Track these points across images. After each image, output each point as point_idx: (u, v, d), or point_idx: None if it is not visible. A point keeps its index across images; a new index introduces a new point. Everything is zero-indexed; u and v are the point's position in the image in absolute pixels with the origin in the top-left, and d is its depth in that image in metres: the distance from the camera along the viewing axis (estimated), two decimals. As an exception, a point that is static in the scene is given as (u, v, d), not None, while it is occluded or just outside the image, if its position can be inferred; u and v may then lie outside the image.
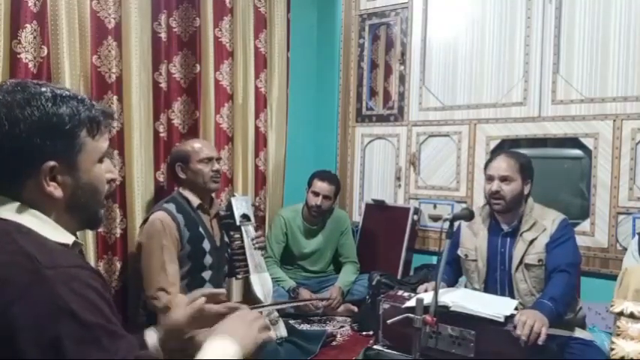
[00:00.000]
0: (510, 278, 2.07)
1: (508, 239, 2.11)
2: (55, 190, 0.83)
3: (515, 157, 2.11)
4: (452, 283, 2.24)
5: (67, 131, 0.83)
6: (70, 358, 0.71)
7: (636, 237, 2.18)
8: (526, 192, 2.10)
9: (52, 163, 0.81)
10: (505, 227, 2.13)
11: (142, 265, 2.03)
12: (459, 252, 2.24)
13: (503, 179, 2.06)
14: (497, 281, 2.11)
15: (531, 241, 2.04)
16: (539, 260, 2.03)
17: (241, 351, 0.94)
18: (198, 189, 2.15)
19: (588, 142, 2.66)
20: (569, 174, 2.75)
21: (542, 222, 2.06)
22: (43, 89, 0.83)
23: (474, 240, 2.18)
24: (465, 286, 2.28)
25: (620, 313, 1.74)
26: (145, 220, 2.09)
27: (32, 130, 0.80)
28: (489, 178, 2.10)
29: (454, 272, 2.28)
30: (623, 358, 1.62)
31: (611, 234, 2.60)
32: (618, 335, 1.66)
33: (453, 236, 2.29)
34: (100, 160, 0.89)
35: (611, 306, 1.79)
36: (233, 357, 0.91)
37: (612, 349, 1.65)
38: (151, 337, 1.08)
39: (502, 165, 2.08)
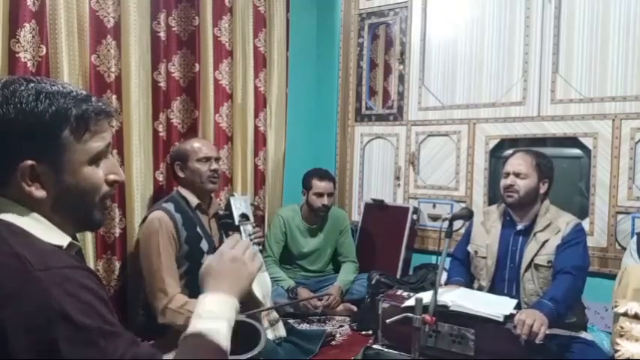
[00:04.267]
0: (518, 277, 2.07)
1: (520, 238, 2.12)
2: (35, 190, 0.80)
3: (532, 155, 2.15)
4: (468, 283, 2.23)
5: (46, 131, 0.79)
6: None
7: (635, 236, 2.19)
8: (542, 191, 2.12)
9: (29, 162, 0.78)
10: (519, 225, 2.14)
11: (140, 265, 2.03)
12: (469, 248, 2.24)
13: (517, 175, 2.10)
14: (504, 279, 2.11)
15: (544, 243, 2.05)
16: (549, 262, 2.03)
17: (237, 298, 0.92)
18: (196, 188, 2.14)
19: (587, 142, 2.66)
20: (568, 173, 2.75)
21: (556, 224, 2.07)
22: (30, 85, 0.80)
23: (486, 237, 2.19)
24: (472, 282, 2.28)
25: (625, 314, 1.73)
26: (144, 220, 2.08)
27: (9, 129, 0.77)
28: (505, 174, 2.14)
29: (469, 271, 2.28)
30: None
31: (610, 233, 2.60)
32: (622, 336, 1.65)
33: (465, 234, 2.30)
34: (93, 161, 0.84)
35: (615, 306, 1.78)
36: (230, 314, 0.89)
37: (617, 350, 1.65)
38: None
39: (518, 161, 2.13)
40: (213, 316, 0.87)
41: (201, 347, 0.83)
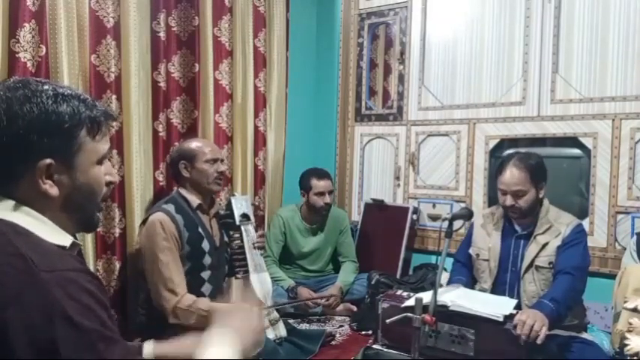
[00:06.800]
0: (519, 279, 2.07)
1: (522, 241, 2.10)
2: (50, 188, 0.82)
3: (524, 168, 2.02)
4: (470, 285, 2.20)
5: (66, 130, 0.82)
6: None
7: (635, 236, 2.19)
8: (541, 195, 2.08)
9: (48, 160, 0.80)
10: (519, 229, 2.12)
11: (145, 268, 2.01)
12: (470, 251, 2.23)
13: (515, 194, 2.02)
14: (506, 282, 2.10)
15: (544, 245, 2.04)
16: (550, 263, 2.02)
17: (241, 352, 0.93)
18: (201, 189, 2.14)
19: (587, 142, 2.66)
20: (568, 173, 2.75)
21: (557, 225, 2.05)
22: (45, 87, 0.83)
23: (487, 240, 2.17)
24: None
25: (635, 310, 1.75)
26: (144, 221, 2.08)
27: (30, 127, 0.79)
28: (502, 192, 2.06)
29: (472, 274, 2.25)
30: (638, 354, 1.63)
31: (610, 233, 2.60)
32: (631, 332, 1.67)
33: (466, 237, 2.30)
34: (100, 162, 0.88)
35: (625, 302, 1.79)
36: (233, 356, 0.91)
37: (626, 345, 1.66)
38: (148, 348, 1.07)
39: (512, 180, 2.02)
40: None
41: None
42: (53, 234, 0.82)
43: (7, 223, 0.78)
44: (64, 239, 0.83)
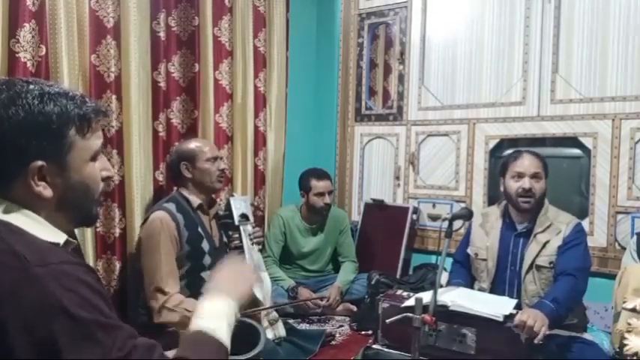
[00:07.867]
0: (519, 279, 2.06)
1: (521, 239, 2.10)
2: (44, 189, 0.81)
3: (538, 156, 2.10)
4: (469, 285, 2.20)
5: (54, 130, 0.81)
6: (66, 355, 0.70)
7: (635, 236, 2.19)
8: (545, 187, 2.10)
9: (39, 163, 0.80)
10: (519, 227, 2.12)
11: (141, 264, 2.03)
12: (468, 250, 2.23)
13: (534, 176, 2.04)
14: (505, 281, 2.10)
15: (545, 244, 2.03)
16: (550, 262, 2.02)
17: (237, 301, 0.96)
18: (203, 188, 2.15)
19: (587, 142, 2.66)
20: (568, 173, 2.75)
21: (556, 224, 2.05)
22: (31, 87, 0.81)
23: (485, 239, 2.17)
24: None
25: (633, 310, 1.75)
26: (145, 220, 2.08)
27: (17, 130, 0.78)
28: (518, 176, 2.05)
29: (470, 274, 2.25)
30: (637, 354, 1.63)
31: (610, 233, 2.60)
32: (630, 332, 1.67)
33: (464, 236, 2.29)
34: (93, 159, 0.87)
35: (624, 302, 1.79)
36: (230, 315, 0.92)
37: (625, 345, 1.66)
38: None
39: (532, 162, 2.06)
40: (213, 315, 0.90)
41: (203, 343, 0.85)
42: (47, 232, 0.82)
43: (1, 222, 0.78)
44: (57, 237, 0.83)
